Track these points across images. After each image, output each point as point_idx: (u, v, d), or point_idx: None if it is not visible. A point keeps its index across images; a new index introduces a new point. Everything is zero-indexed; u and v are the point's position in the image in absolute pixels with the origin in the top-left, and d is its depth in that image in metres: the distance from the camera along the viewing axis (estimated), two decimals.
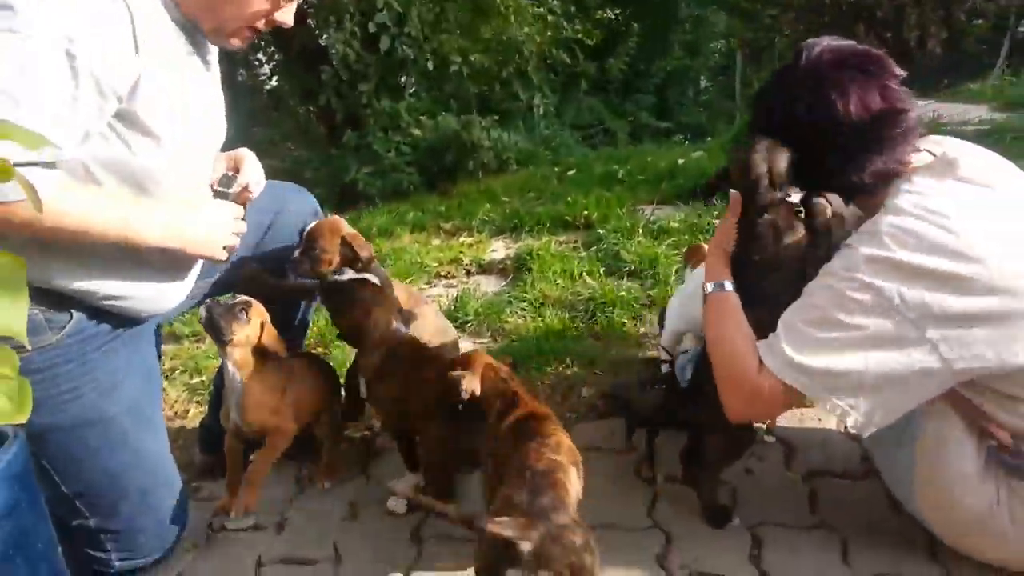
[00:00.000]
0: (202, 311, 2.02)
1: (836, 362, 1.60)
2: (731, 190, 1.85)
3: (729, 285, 1.82)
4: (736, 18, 18.45)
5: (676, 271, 3.68)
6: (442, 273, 4.10)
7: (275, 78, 7.93)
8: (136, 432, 1.91)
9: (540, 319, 3.38)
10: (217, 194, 1.94)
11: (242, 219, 1.96)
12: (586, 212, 4.69)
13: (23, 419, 1.21)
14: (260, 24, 1.81)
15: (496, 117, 6.98)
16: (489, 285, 3.92)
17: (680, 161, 5.84)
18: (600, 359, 2.98)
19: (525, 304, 3.54)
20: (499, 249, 4.41)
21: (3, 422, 1.17)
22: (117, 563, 1.95)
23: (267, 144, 7.65)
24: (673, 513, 2.07)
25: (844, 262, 1.63)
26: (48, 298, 1.69)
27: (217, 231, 1.87)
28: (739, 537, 1.97)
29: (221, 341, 2.02)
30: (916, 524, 1.89)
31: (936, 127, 6.59)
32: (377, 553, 2.01)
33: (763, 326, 1.74)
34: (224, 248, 1.89)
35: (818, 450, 2.30)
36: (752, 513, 2.05)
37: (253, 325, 2.05)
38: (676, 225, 4.31)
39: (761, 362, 1.69)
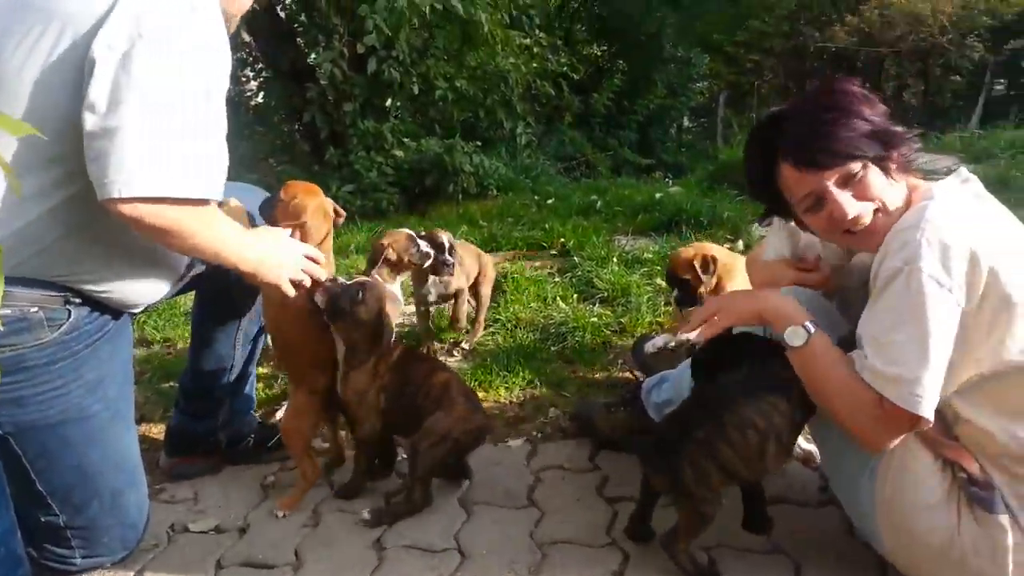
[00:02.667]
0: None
1: (923, 361, 1.60)
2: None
3: (812, 326, 1.77)
4: (719, 61, 18.84)
5: (647, 299, 3.75)
6: None
7: (261, 94, 7.98)
8: (113, 430, 1.92)
9: (512, 340, 3.42)
10: None
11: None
12: (562, 239, 4.76)
13: None
14: None
15: (479, 143, 7.05)
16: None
17: (658, 195, 5.95)
18: (568, 382, 3.02)
19: (498, 325, 3.58)
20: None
21: None
22: (79, 560, 1.94)
23: (250, 159, 7.65)
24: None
25: (904, 254, 1.63)
26: (50, 292, 1.73)
27: (287, 261, 2.01)
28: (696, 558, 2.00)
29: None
30: (869, 550, 1.93)
31: None
32: (338, 560, 2.02)
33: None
34: (290, 280, 2.01)
35: (777, 478, 2.34)
36: (710, 536, 2.07)
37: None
38: (650, 256, 4.40)
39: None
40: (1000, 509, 1.71)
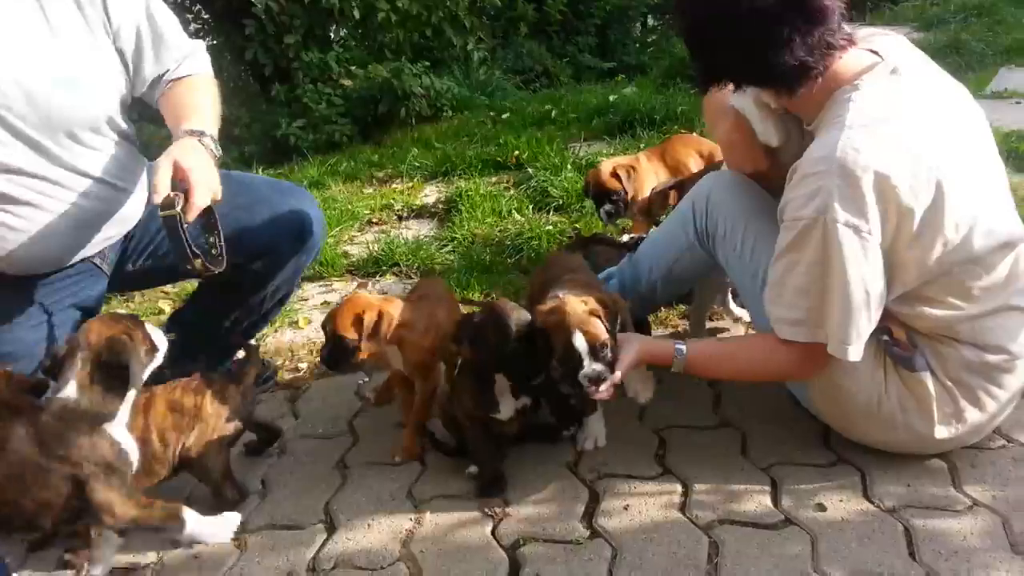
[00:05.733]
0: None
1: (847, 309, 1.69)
2: None
3: (680, 347, 1.88)
4: None
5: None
6: (373, 220, 4.12)
7: (204, 37, 7.71)
8: None
9: (469, 256, 3.44)
10: (165, 220, 1.74)
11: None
12: (517, 152, 4.72)
13: None
14: None
15: (427, 64, 6.87)
16: (421, 228, 3.96)
17: (612, 98, 5.87)
18: (526, 290, 3.05)
19: (454, 243, 3.60)
20: (431, 194, 4.44)
21: None
22: None
23: None
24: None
25: (816, 203, 1.64)
26: None
27: None
28: (647, 439, 2.08)
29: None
30: (811, 417, 2.01)
31: None
32: (298, 482, 2.11)
33: None
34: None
35: None
36: (659, 417, 2.16)
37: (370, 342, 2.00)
38: (604, 159, 4.37)
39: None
40: (921, 367, 1.79)
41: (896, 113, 1.66)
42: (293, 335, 2.99)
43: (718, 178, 2.13)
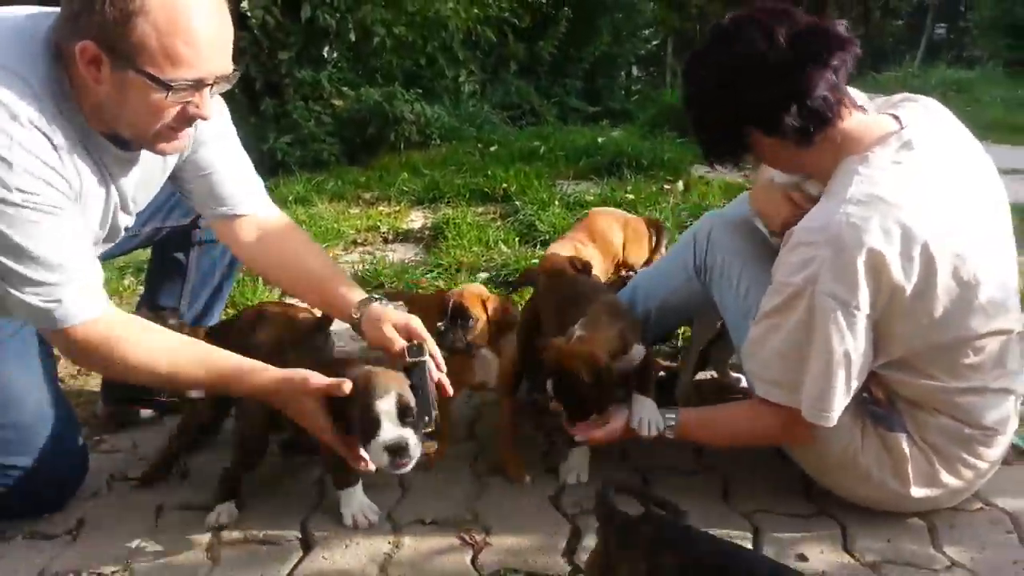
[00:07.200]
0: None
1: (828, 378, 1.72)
2: None
3: (671, 416, 1.91)
4: (665, 7, 18.70)
5: None
6: (359, 240, 4.11)
7: None
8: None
9: (453, 284, 3.43)
10: (413, 364, 1.78)
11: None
12: (505, 185, 4.76)
13: None
14: (178, 127, 1.67)
15: (420, 91, 6.93)
16: (406, 253, 3.96)
17: (600, 139, 5.97)
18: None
19: (440, 269, 3.59)
20: (417, 219, 4.44)
21: None
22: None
23: None
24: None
25: (807, 272, 1.68)
26: None
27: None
28: (631, 479, 2.07)
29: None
30: (793, 466, 2.02)
31: None
32: (275, 497, 2.06)
33: None
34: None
35: (710, 396, 2.43)
36: (642, 459, 2.16)
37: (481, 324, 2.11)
38: (591, 198, 4.44)
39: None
40: (899, 428, 1.82)
41: (897, 190, 1.67)
42: None
43: (720, 217, 2.17)
